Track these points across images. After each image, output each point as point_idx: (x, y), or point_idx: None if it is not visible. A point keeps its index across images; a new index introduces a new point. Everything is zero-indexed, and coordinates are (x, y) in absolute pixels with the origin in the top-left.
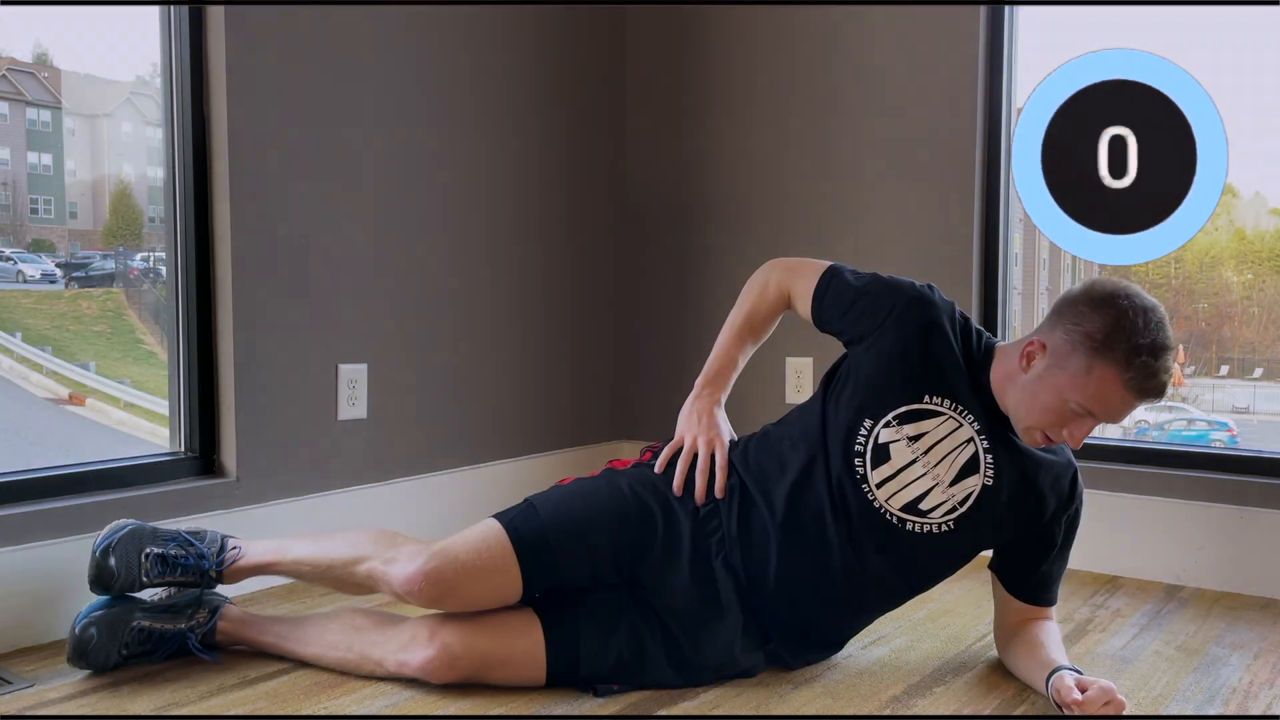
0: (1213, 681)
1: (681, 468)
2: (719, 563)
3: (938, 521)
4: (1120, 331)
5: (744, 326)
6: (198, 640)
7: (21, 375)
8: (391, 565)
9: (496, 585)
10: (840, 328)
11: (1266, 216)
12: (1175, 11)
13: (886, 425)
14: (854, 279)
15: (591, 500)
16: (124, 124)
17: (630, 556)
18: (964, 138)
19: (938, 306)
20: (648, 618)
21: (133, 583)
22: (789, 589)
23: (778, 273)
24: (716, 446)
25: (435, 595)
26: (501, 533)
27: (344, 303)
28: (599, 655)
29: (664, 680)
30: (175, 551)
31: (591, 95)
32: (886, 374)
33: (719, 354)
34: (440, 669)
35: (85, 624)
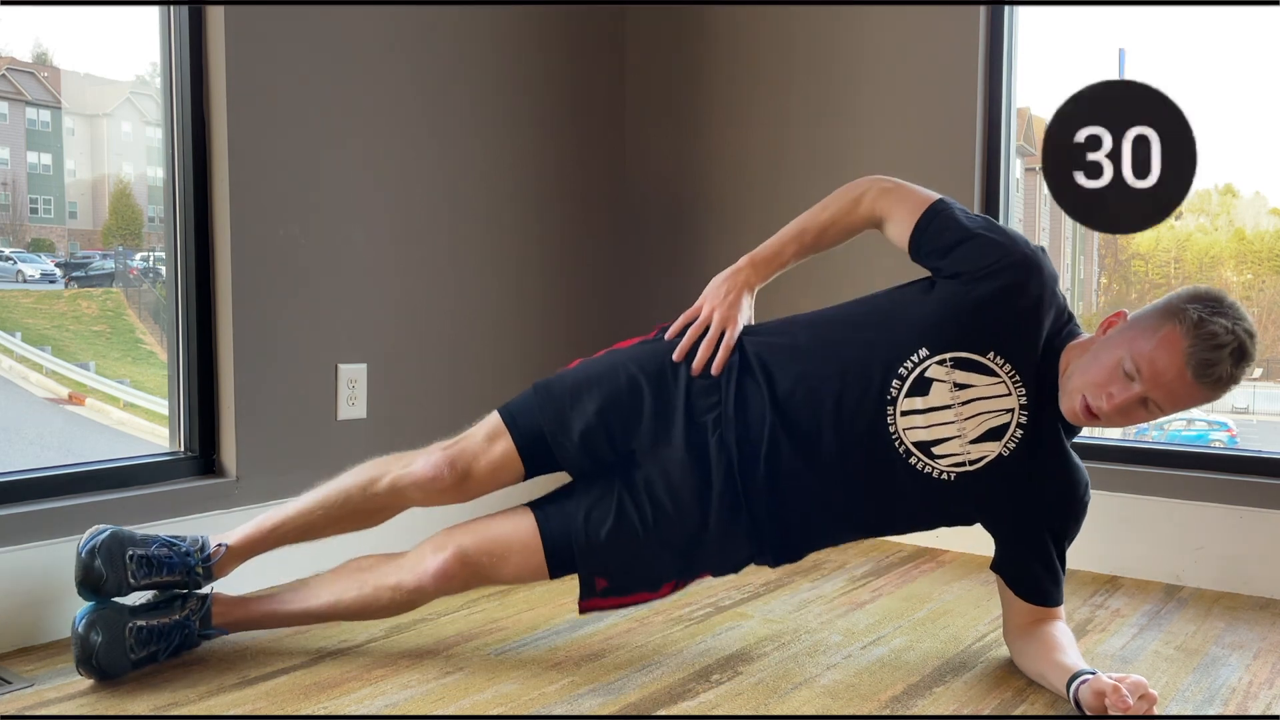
0: (1212, 681)
1: (689, 337)
2: (714, 439)
3: (943, 469)
4: (1203, 304)
5: (814, 231)
6: (197, 625)
7: (21, 375)
8: (412, 465)
9: (505, 466)
10: (938, 263)
11: (1266, 216)
12: (1175, 12)
13: (940, 363)
14: (965, 218)
15: (582, 377)
16: (124, 124)
17: (621, 430)
18: (964, 138)
19: (1044, 275)
20: (639, 502)
21: (120, 585)
22: (775, 475)
23: (875, 192)
24: (729, 325)
25: (458, 477)
26: (499, 418)
27: (344, 303)
28: (588, 530)
29: (654, 561)
30: (159, 552)
31: (591, 95)
32: (966, 315)
33: (777, 242)
34: (455, 566)
35: (86, 625)
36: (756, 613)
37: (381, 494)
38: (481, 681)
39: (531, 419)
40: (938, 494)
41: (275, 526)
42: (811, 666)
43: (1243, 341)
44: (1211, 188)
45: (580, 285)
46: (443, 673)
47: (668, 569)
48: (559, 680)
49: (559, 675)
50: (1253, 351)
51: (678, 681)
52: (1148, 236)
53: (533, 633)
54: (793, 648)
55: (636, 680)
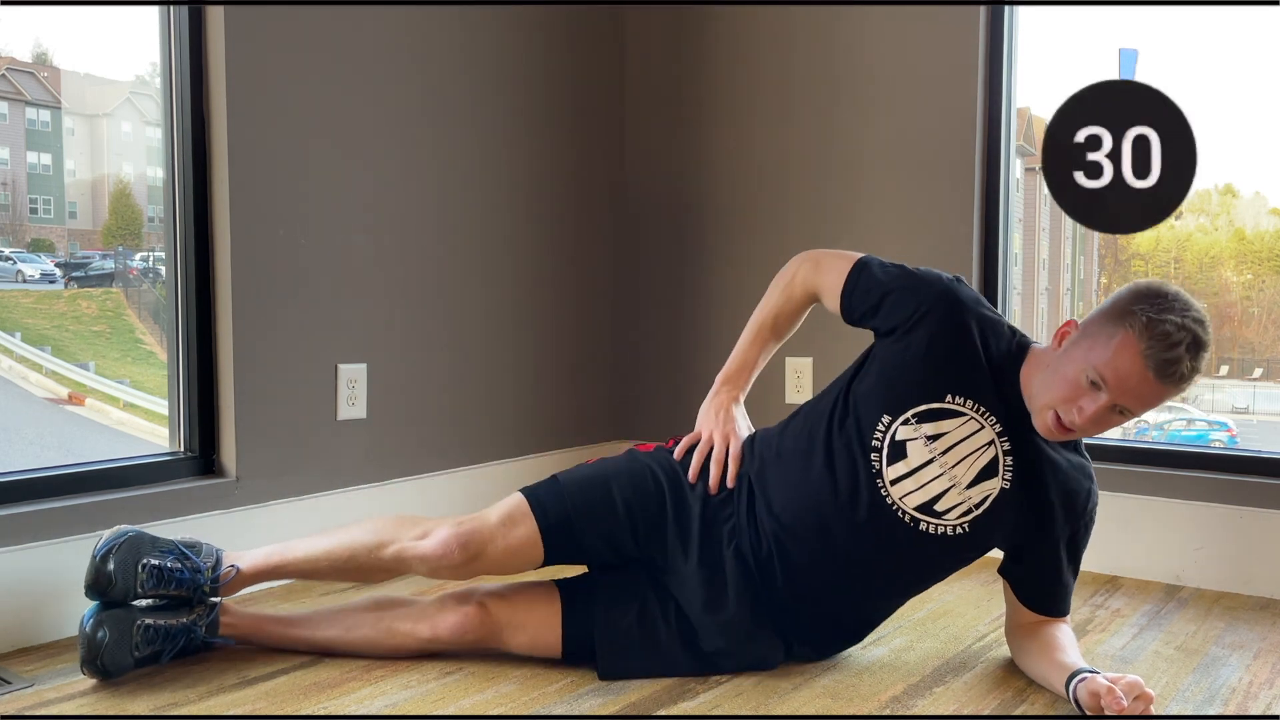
0: (1212, 681)
1: (697, 458)
2: (730, 551)
3: (953, 524)
4: (1148, 303)
5: (767, 327)
6: (203, 631)
7: (21, 375)
8: (422, 540)
9: (522, 552)
10: (872, 324)
11: (1266, 216)
12: (1175, 12)
13: (905, 423)
14: (882, 274)
15: (611, 476)
16: (124, 124)
17: (646, 531)
18: (964, 138)
19: (965, 305)
20: (664, 599)
21: (128, 591)
22: (793, 578)
23: (805, 268)
24: (731, 440)
25: (467, 559)
26: (525, 505)
27: (344, 303)
28: (611, 628)
29: (676, 664)
30: (172, 565)
31: (591, 96)
32: (909, 371)
33: (739, 354)
34: (473, 625)
35: (95, 624)
36: None
37: (386, 560)
38: (481, 681)
39: (560, 506)
40: (958, 548)
41: (283, 564)
42: (811, 667)
43: (1196, 334)
44: (1211, 188)
45: (580, 285)
46: (443, 673)
47: (687, 667)
48: (559, 680)
49: (559, 675)
50: (1207, 340)
51: (678, 682)
52: (1148, 236)
53: None
54: None
55: (636, 680)
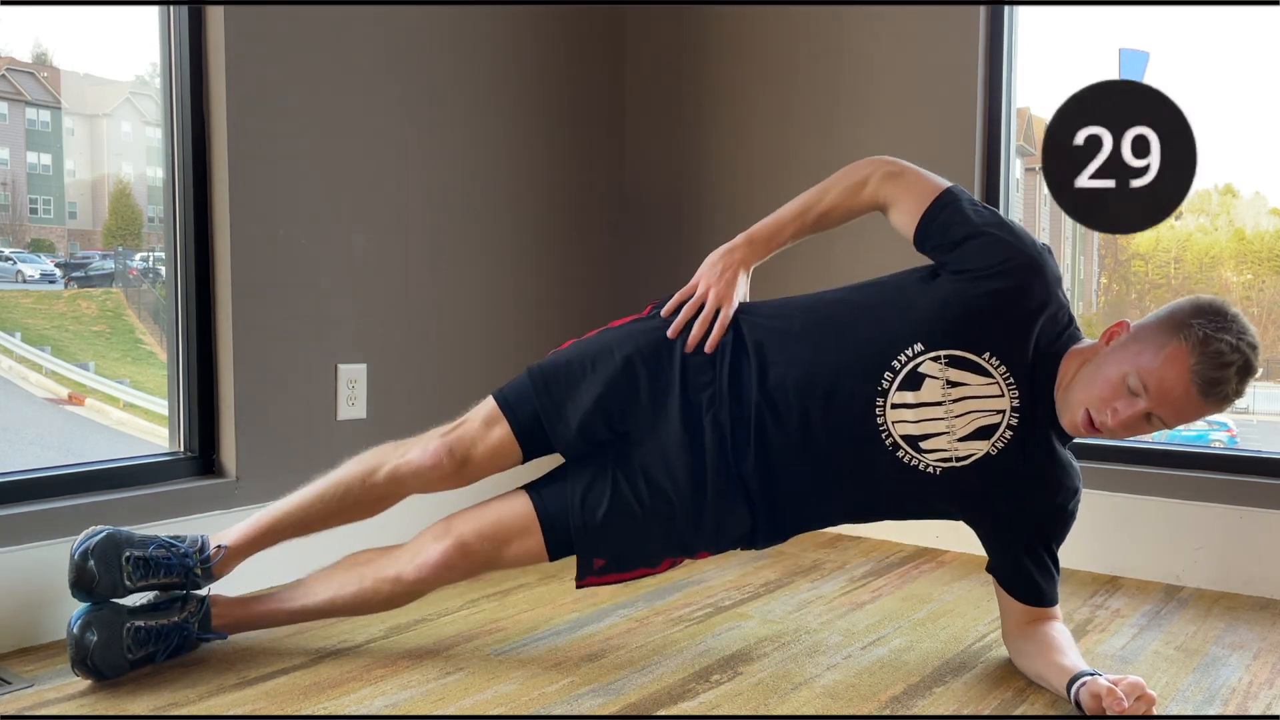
0: (1212, 682)
1: (684, 314)
2: (708, 418)
3: (929, 463)
4: (1206, 319)
5: (814, 215)
6: (196, 628)
7: (21, 375)
8: (410, 454)
9: (503, 451)
10: (943, 257)
11: (1266, 216)
12: (1175, 12)
13: (935, 359)
14: (973, 213)
15: (576, 359)
16: (123, 124)
17: (618, 413)
18: (964, 138)
19: (1048, 280)
20: (633, 480)
21: (114, 586)
22: (764, 457)
23: (880, 176)
24: (724, 303)
25: (456, 465)
26: (495, 404)
27: (344, 303)
28: (585, 512)
29: (651, 539)
30: (156, 553)
31: (591, 96)
32: (965, 313)
33: (774, 222)
34: (455, 556)
35: (82, 625)
36: (756, 613)
37: (380, 484)
38: (481, 681)
39: (528, 405)
40: (922, 486)
41: (273, 523)
42: (811, 666)
43: (1248, 358)
44: (1211, 188)
45: (580, 285)
46: (443, 673)
47: (665, 546)
48: (559, 680)
49: (559, 675)
50: (1257, 366)
51: (678, 682)
52: (1148, 236)
53: (533, 633)
54: (793, 648)
55: (636, 680)
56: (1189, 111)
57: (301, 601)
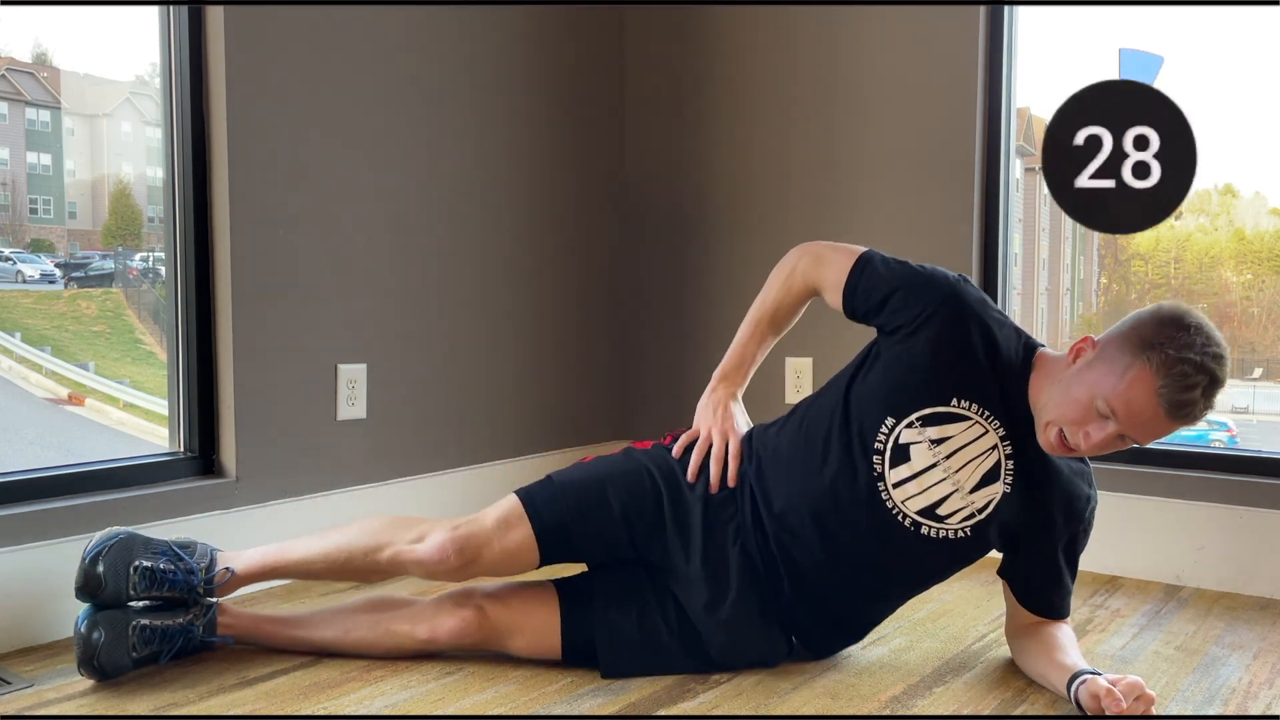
0: (1212, 682)
1: (696, 457)
2: (736, 549)
3: (955, 528)
4: (1170, 339)
5: (765, 320)
6: (201, 631)
7: (21, 375)
8: (419, 543)
9: (519, 555)
10: (876, 321)
11: (1266, 216)
12: (1175, 12)
13: (909, 426)
14: (885, 271)
15: (606, 479)
16: (123, 124)
17: (644, 533)
18: (964, 138)
19: (972, 307)
20: (663, 598)
21: (119, 594)
22: (798, 579)
23: (805, 262)
24: (730, 437)
25: (463, 563)
26: (520, 508)
27: (344, 303)
28: (611, 629)
29: (677, 663)
30: (165, 566)
31: (591, 96)
32: (914, 373)
33: (737, 348)
34: (472, 628)
35: (89, 624)
36: None
37: (382, 563)
38: (481, 681)
39: (555, 510)
40: (961, 550)
41: (279, 564)
42: (811, 666)
43: (1213, 374)
44: (1211, 188)
45: (580, 285)
46: (443, 673)
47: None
48: (559, 680)
49: (559, 675)
50: (1223, 378)
51: (678, 681)
52: (1148, 236)
53: None
54: (794, 652)
55: (636, 680)
56: (1189, 111)
57: (309, 633)
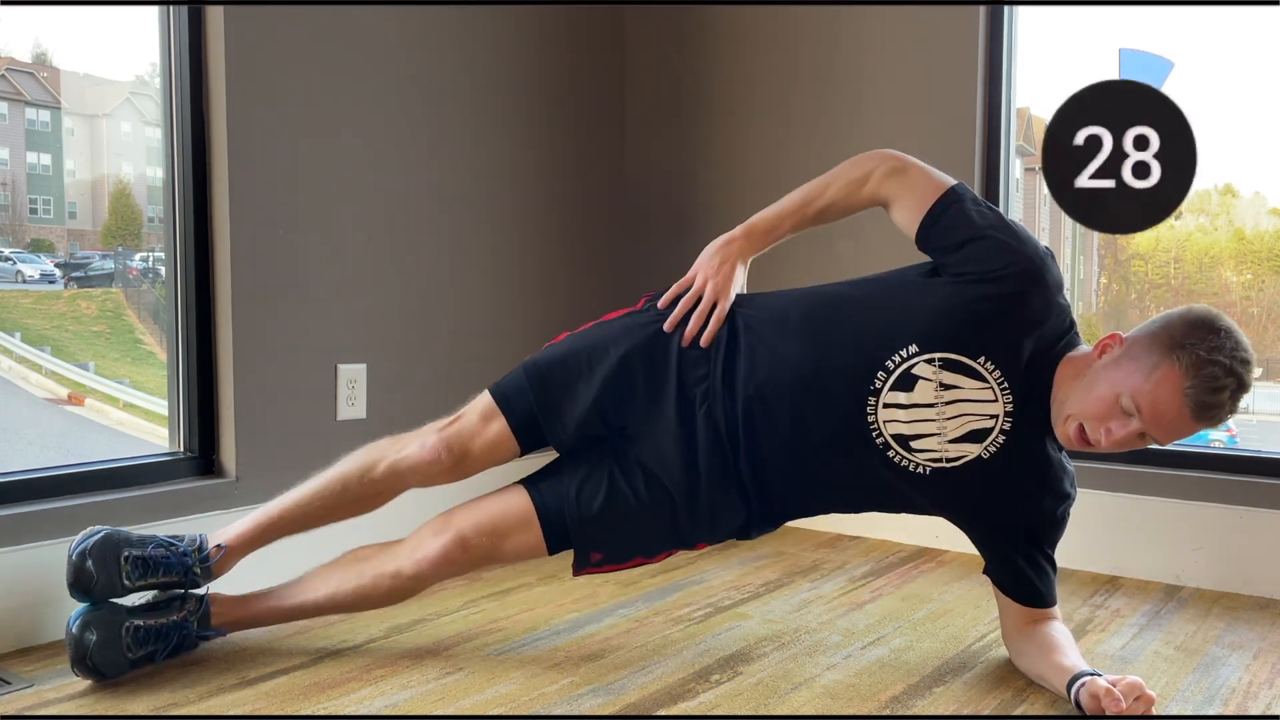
0: (1212, 681)
1: (680, 308)
2: (702, 411)
3: (917, 463)
4: (1200, 339)
5: (815, 209)
6: (195, 626)
7: (21, 375)
8: (408, 449)
9: (500, 445)
10: (944, 258)
11: (1266, 216)
12: (1175, 12)
13: (929, 361)
14: (977, 214)
15: (571, 354)
16: (123, 124)
17: (614, 409)
18: (964, 138)
19: (1048, 286)
20: (629, 472)
21: (113, 586)
22: (755, 453)
23: (882, 172)
24: (721, 297)
25: (455, 460)
26: (492, 399)
27: (344, 303)
28: (580, 506)
29: (648, 531)
30: (155, 553)
31: (591, 95)
32: (962, 317)
33: (773, 214)
34: (455, 550)
35: (81, 625)
36: (756, 613)
37: (378, 479)
38: (481, 681)
39: (525, 401)
40: (911, 486)
41: (272, 521)
42: (811, 666)
43: (1241, 379)
44: (1211, 188)
45: (580, 285)
46: (443, 673)
47: (662, 538)
48: (559, 680)
49: (559, 675)
50: (1250, 382)
51: (678, 681)
52: (1148, 236)
53: (533, 633)
54: (792, 648)
55: (636, 680)
56: (1189, 111)
57: (301, 598)
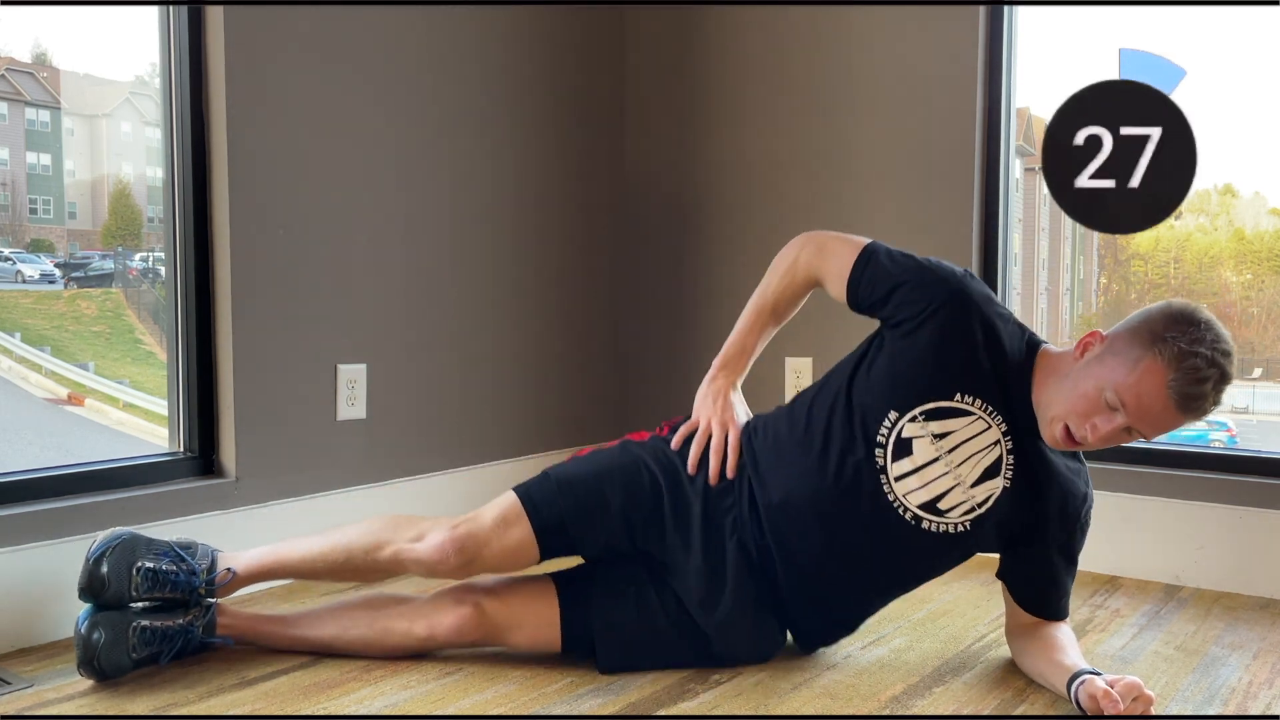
0: (1212, 681)
1: (695, 448)
2: (733, 542)
3: (955, 521)
4: (1182, 332)
5: (767, 310)
6: (200, 632)
7: (21, 375)
8: (418, 542)
9: (518, 553)
10: (880, 314)
11: (1266, 216)
12: (1175, 12)
13: (912, 420)
14: (891, 264)
15: (604, 473)
16: (123, 124)
17: (643, 528)
18: (964, 138)
19: (977, 303)
20: (661, 590)
21: (121, 595)
22: (791, 570)
23: (808, 252)
24: (730, 428)
25: (464, 561)
26: (519, 505)
27: (343, 303)
28: (610, 621)
29: (676, 655)
30: (167, 568)
31: (591, 95)
32: (918, 367)
33: (737, 338)
34: (471, 625)
35: (90, 625)
36: None
37: (383, 562)
38: (481, 681)
39: (554, 508)
40: (959, 545)
41: (280, 564)
42: (811, 666)
43: (1223, 369)
44: (1211, 188)
45: (580, 284)
46: (443, 673)
47: (689, 659)
48: (559, 680)
49: (559, 675)
50: (1232, 373)
51: (678, 681)
52: (1148, 236)
53: None
54: (792, 648)
55: (636, 680)
56: (1189, 111)
57: (306, 632)
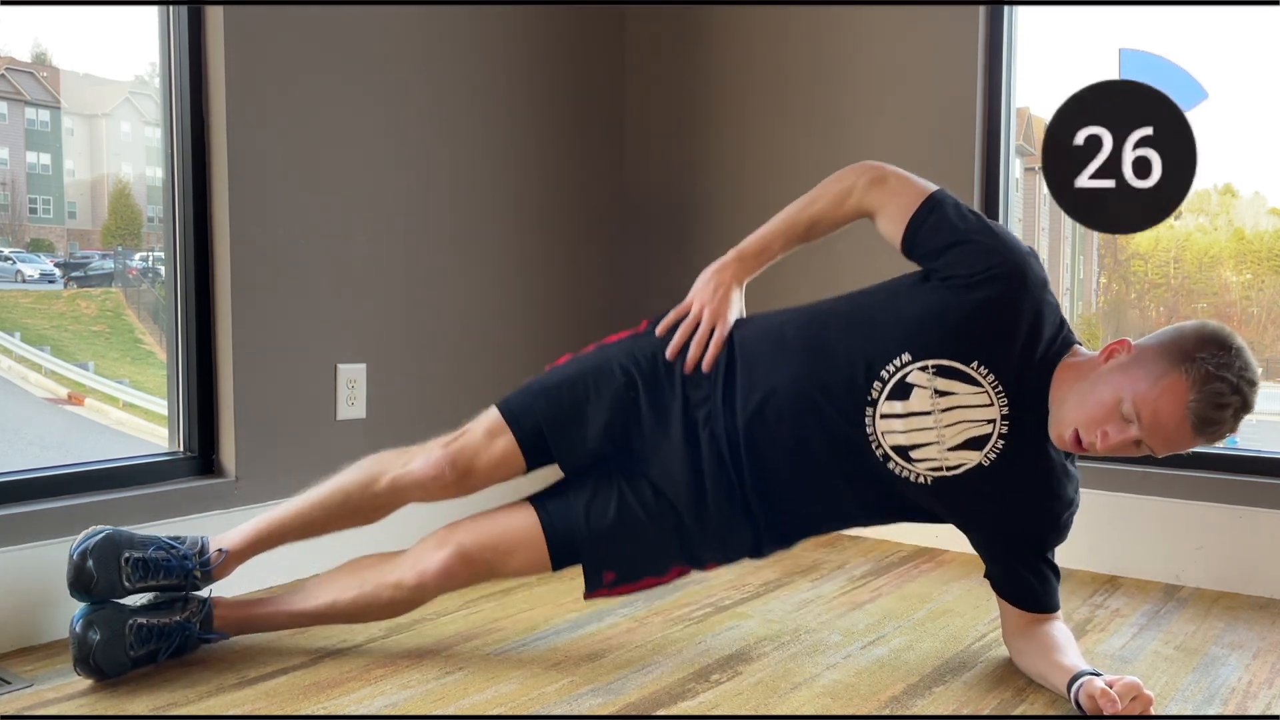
0: (1212, 681)
1: (680, 334)
2: (705, 434)
3: (919, 473)
4: (1211, 354)
5: (802, 224)
6: (198, 627)
7: (20, 375)
8: (411, 464)
9: (506, 462)
10: (930, 264)
11: (1266, 216)
12: (1175, 12)
13: (922, 369)
14: (958, 218)
15: (578, 375)
16: (123, 124)
17: (622, 430)
18: (964, 138)
19: (1033, 286)
20: (638, 488)
21: (113, 586)
22: (759, 471)
23: (864, 184)
24: (719, 321)
25: (459, 475)
26: (499, 416)
27: (343, 303)
28: (590, 523)
29: (658, 548)
30: (156, 555)
31: (591, 95)
32: (950, 322)
33: (764, 236)
34: (457, 564)
35: (84, 624)
36: (756, 613)
37: (381, 492)
38: (481, 681)
39: (533, 419)
40: (912, 496)
41: (273, 528)
42: (811, 666)
43: (1246, 398)
44: (1211, 188)
45: (580, 285)
46: (443, 673)
47: (672, 554)
48: (559, 680)
49: (559, 675)
50: (1254, 403)
51: (678, 681)
52: (1148, 236)
53: (532, 633)
54: (792, 648)
55: (636, 680)
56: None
57: (302, 605)
